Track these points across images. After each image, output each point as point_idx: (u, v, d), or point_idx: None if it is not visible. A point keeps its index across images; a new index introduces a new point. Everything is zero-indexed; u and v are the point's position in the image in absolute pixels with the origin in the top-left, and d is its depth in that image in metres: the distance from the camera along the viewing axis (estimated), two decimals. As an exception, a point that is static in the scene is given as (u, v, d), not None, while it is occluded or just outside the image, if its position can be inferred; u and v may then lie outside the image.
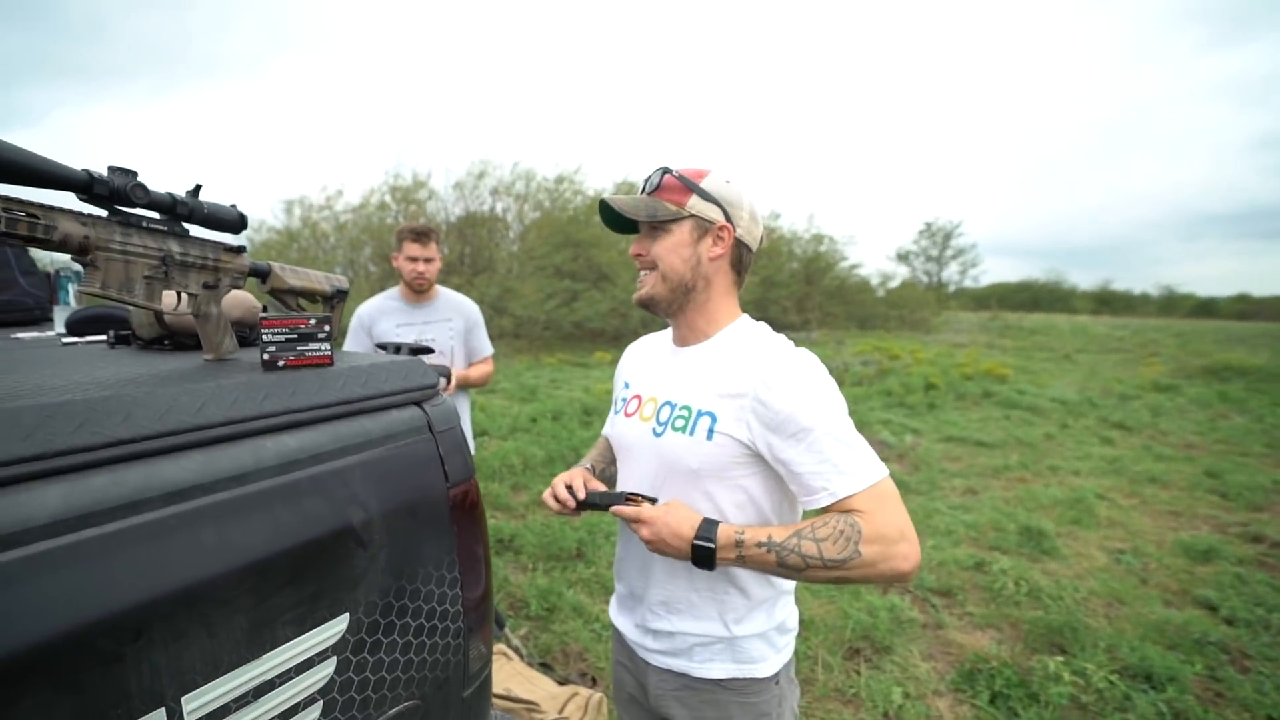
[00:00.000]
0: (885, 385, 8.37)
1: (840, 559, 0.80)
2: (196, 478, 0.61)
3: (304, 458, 0.71)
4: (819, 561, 0.81)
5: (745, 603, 0.98)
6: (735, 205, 0.97)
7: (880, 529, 0.80)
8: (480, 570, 0.93)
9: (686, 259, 0.97)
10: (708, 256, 0.97)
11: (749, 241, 0.99)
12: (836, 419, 0.87)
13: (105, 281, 0.74)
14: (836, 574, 0.81)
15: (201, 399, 0.65)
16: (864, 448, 0.87)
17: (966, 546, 3.52)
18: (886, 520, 0.81)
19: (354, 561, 0.74)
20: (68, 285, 1.84)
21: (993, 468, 5.10)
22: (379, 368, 0.86)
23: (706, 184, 0.97)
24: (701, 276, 0.97)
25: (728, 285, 1.00)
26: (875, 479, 0.84)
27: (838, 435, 0.86)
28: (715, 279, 0.98)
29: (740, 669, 0.99)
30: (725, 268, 0.99)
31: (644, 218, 0.98)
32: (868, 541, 0.80)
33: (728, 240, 0.97)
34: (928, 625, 2.72)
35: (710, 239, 0.97)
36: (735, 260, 1.00)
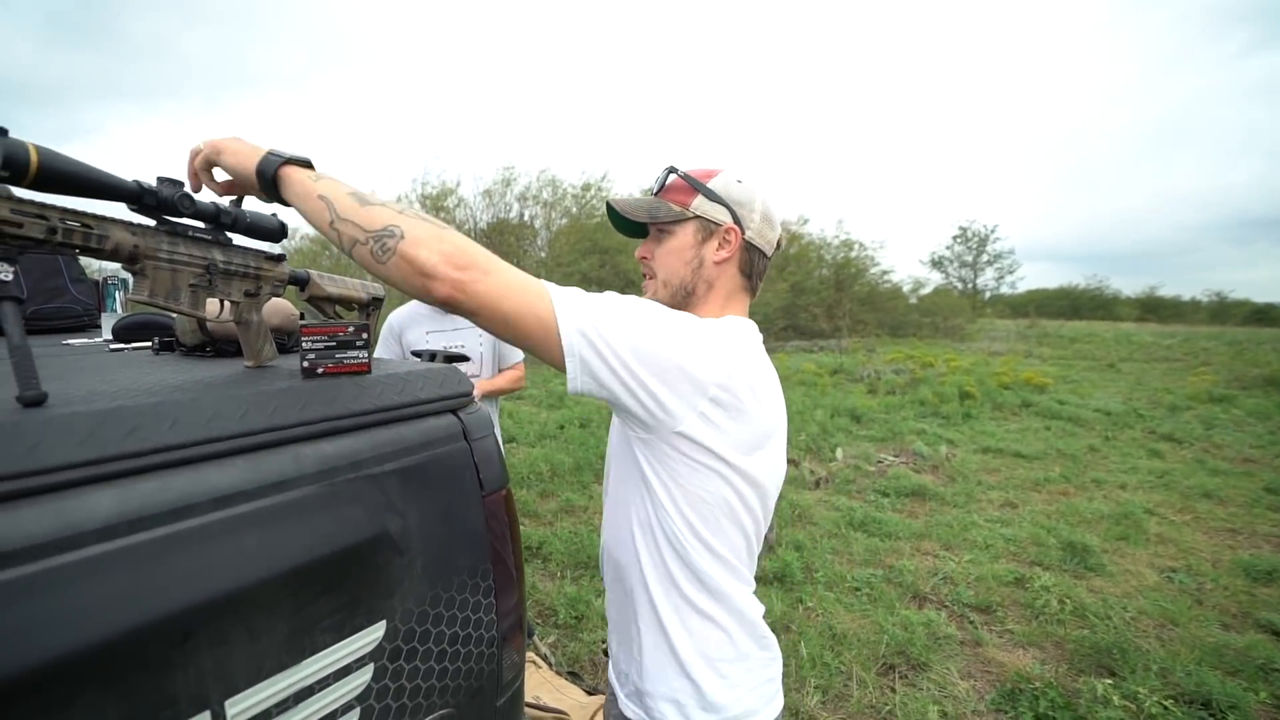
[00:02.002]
0: (918, 394, 8.19)
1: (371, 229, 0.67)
2: (240, 484, 0.62)
3: (342, 465, 0.71)
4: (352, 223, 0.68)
5: (662, 655, 0.85)
6: (745, 206, 0.90)
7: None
8: (513, 578, 0.93)
9: (688, 261, 0.91)
10: (712, 260, 0.91)
11: (761, 245, 0.92)
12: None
13: (153, 289, 0.76)
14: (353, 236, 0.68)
15: (244, 406, 0.66)
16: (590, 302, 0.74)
17: (1006, 561, 3.41)
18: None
19: (391, 569, 0.74)
20: (114, 293, 1.91)
21: (1032, 480, 4.94)
22: (415, 375, 0.86)
23: (714, 184, 0.91)
24: (703, 280, 0.91)
25: (733, 290, 0.93)
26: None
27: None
28: (719, 283, 0.92)
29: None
30: (732, 272, 0.92)
31: (645, 218, 0.93)
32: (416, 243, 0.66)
33: (735, 243, 0.90)
34: (966, 642, 2.63)
35: (716, 241, 0.91)
36: (745, 264, 0.92)
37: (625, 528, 0.87)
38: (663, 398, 0.73)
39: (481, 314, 0.68)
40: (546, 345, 0.71)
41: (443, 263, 0.65)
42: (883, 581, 3.13)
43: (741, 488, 0.82)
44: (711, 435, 0.76)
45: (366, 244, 0.67)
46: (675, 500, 0.80)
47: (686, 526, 0.81)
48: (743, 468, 0.80)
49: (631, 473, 0.85)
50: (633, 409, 0.74)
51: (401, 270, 0.66)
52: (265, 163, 0.73)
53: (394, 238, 0.66)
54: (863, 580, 3.12)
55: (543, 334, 0.70)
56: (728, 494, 0.81)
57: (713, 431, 0.76)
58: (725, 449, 0.78)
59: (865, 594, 3.00)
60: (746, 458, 0.80)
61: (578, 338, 0.70)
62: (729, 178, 0.92)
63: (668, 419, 0.75)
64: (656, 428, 0.76)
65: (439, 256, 0.65)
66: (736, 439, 0.78)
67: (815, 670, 2.36)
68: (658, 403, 0.73)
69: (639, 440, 0.81)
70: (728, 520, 0.82)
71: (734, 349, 0.79)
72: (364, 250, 0.68)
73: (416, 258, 0.65)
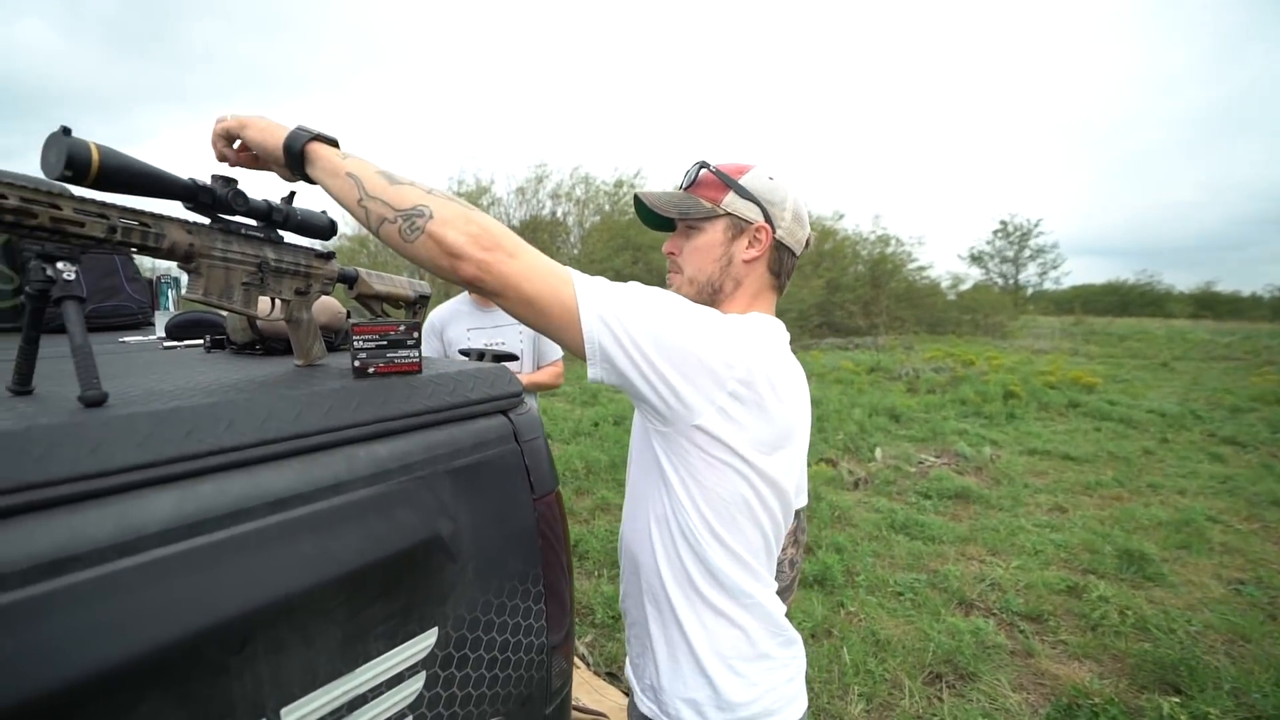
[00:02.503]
0: (959, 393, 7.96)
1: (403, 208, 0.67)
2: (295, 487, 0.60)
3: (395, 467, 0.70)
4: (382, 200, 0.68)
5: (679, 652, 0.83)
6: (777, 204, 0.89)
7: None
8: (564, 584, 0.91)
9: (717, 259, 0.90)
10: (742, 258, 0.89)
11: (791, 244, 0.90)
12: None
13: (208, 288, 0.76)
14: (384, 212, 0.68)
15: (298, 407, 0.65)
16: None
17: (1057, 569, 3.27)
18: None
19: (443, 574, 0.72)
20: (167, 291, 1.96)
21: (1083, 484, 4.74)
22: (466, 375, 0.84)
23: (746, 180, 0.89)
24: (731, 278, 0.90)
25: (761, 289, 0.91)
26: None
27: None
28: (747, 281, 0.90)
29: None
30: (761, 270, 0.90)
31: (675, 214, 0.91)
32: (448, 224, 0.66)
33: (765, 241, 0.88)
34: (1016, 652, 2.53)
35: (746, 240, 0.89)
36: (774, 264, 0.91)
37: (643, 522, 0.86)
38: (680, 389, 0.72)
39: (505, 295, 0.68)
40: (567, 330, 0.70)
41: (469, 243, 0.66)
42: (927, 587, 3.03)
43: (760, 487, 0.80)
44: (730, 430, 0.75)
45: (395, 223, 0.67)
46: (693, 497, 0.79)
47: (703, 524, 0.79)
48: (761, 467, 0.78)
49: (650, 467, 0.83)
50: (650, 400, 0.73)
51: (429, 250, 0.66)
52: (293, 138, 0.71)
53: (423, 217, 0.66)
54: (905, 585, 3.02)
55: (564, 318, 0.70)
56: (746, 492, 0.79)
57: (731, 427, 0.75)
58: (743, 446, 0.76)
59: (909, 599, 2.91)
60: (766, 457, 0.79)
61: (598, 324, 0.69)
62: (761, 174, 0.90)
63: (685, 412, 0.73)
64: (674, 420, 0.74)
65: (466, 237, 0.66)
66: (756, 436, 0.76)
67: (859, 677, 2.29)
68: (675, 394, 0.72)
69: (657, 434, 0.79)
70: (745, 519, 0.81)
71: (757, 345, 0.77)
72: (392, 229, 0.67)
73: (444, 238, 0.65)
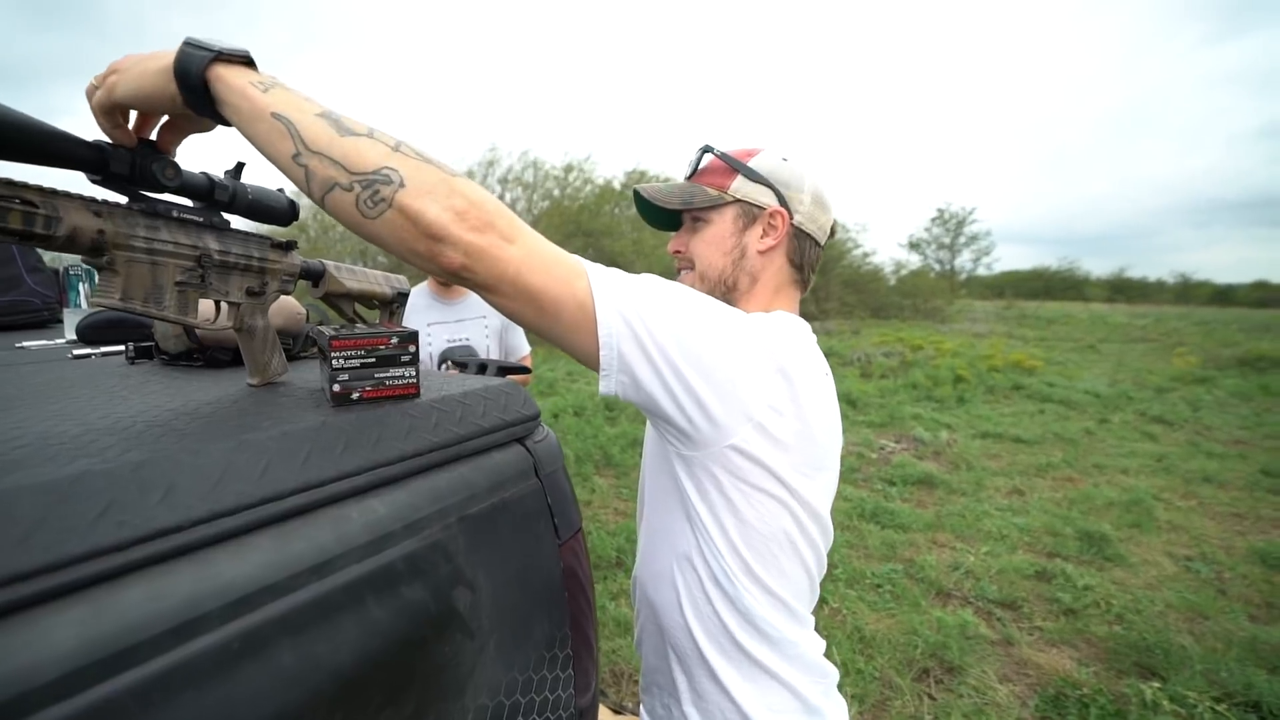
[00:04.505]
0: (911, 378, 8.15)
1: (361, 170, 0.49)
2: (266, 574, 0.43)
3: (398, 529, 0.53)
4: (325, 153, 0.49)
5: (713, 709, 0.74)
6: (792, 186, 0.80)
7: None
8: (591, 644, 0.75)
9: (728, 251, 0.81)
10: (756, 248, 0.80)
11: (813, 231, 0.82)
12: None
13: (127, 289, 0.56)
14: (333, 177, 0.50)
15: (265, 457, 0.47)
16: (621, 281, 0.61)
17: (1024, 553, 3.33)
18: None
19: (460, 659, 0.56)
20: (78, 284, 1.66)
21: (1035, 466, 4.90)
22: (473, 396, 0.67)
23: (756, 163, 0.81)
24: (746, 273, 0.81)
25: (781, 283, 0.82)
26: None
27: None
28: (765, 275, 0.81)
29: None
30: (780, 262, 0.81)
31: (678, 204, 0.82)
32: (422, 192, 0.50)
33: (782, 228, 0.80)
34: (998, 642, 2.54)
35: (760, 227, 0.80)
36: (794, 253, 0.82)
37: (664, 563, 0.76)
38: (710, 405, 0.61)
39: (500, 290, 0.54)
40: (577, 333, 0.58)
41: (455, 222, 0.50)
42: (904, 577, 3.02)
43: (802, 516, 0.70)
44: (769, 451, 0.65)
45: (351, 190, 0.49)
46: (726, 533, 0.68)
47: (739, 565, 0.69)
48: (803, 493, 0.68)
49: (670, 498, 0.73)
50: (675, 418, 0.63)
51: (398, 229, 0.50)
52: (184, 64, 0.48)
53: (390, 185, 0.49)
54: (883, 577, 3.01)
55: (576, 319, 0.58)
56: (787, 524, 0.69)
57: (771, 446, 0.65)
58: (784, 469, 0.66)
59: (888, 591, 2.89)
60: (808, 480, 0.69)
61: (619, 326, 0.58)
62: (772, 156, 0.82)
63: (716, 432, 0.63)
64: (702, 441, 0.64)
65: (450, 215, 0.50)
66: (798, 456, 0.67)
67: (849, 678, 2.24)
68: (704, 411, 0.61)
69: (680, 458, 0.68)
70: (788, 556, 0.70)
71: (794, 348, 0.68)
72: (346, 199, 0.50)
73: (422, 214, 0.49)
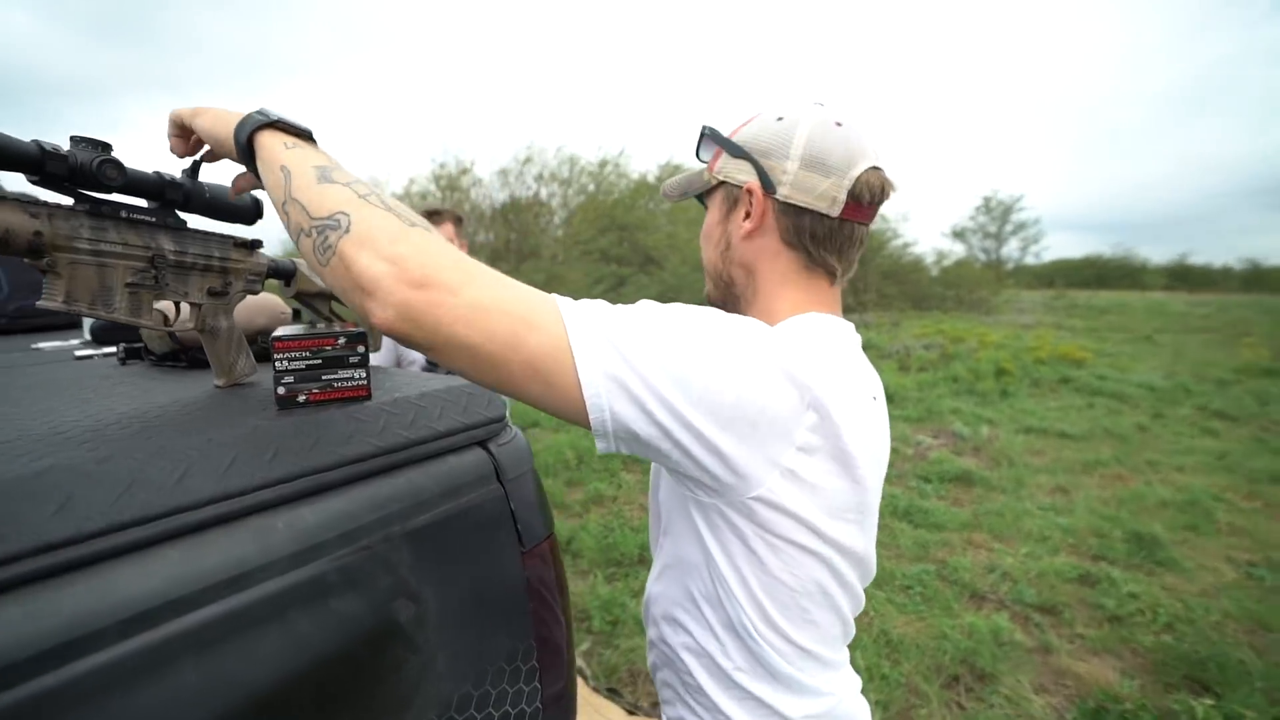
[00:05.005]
0: (951, 371, 7.87)
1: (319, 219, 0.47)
2: (171, 589, 0.41)
3: (330, 538, 0.50)
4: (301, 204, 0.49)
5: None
6: (774, 154, 0.64)
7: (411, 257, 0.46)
8: (562, 654, 0.72)
9: (716, 243, 0.72)
10: (739, 236, 0.68)
11: (803, 201, 0.64)
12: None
13: (71, 291, 0.55)
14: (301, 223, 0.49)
15: (183, 464, 0.46)
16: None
17: (1066, 555, 3.17)
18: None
19: (401, 673, 0.54)
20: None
21: (1082, 462, 4.66)
22: (431, 398, 0.65)
23: (744, 132, 0.68)
24: (738, 266, 0.69)
25: (787, 273, 0.67)
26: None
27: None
28: (760, 266, 0.68)
29: None
30: (774, 247, 0.67)
31: (677, 196, 0.76)
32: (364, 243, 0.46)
33: (759, 208, 0.65)
34: (1034, 649, 2.41)
35: (741, 210, 0.68)
36: (788, 234, 0.66)
37: (677, 596, 0.67)
38: (730, 454, 0.52)
39: (442, 350, 0.47)
40: (557, 392, 0.49)
41: (387, 275, 0.45)
42: (936, 579, 2.91)
43: (839, 564, 0.60)
44: (799, 498, 0.55)
45: (310, 235, 0.48)
46: (747, 585, 0.59)
47: (760, 617, 0.60)
48: (840, 539, 0.58)
49: (687, 536, 0.64)
50: (689, 470, 0.53)
51: (340, 278, 0.47)
52: (241, 125, 0.53)
53: (337, 230, 0.46)
54: (914, 578, 2.90)
55: (551, 377, 0.49)
56: (820, 575, 0.60)
57: (801, 494, 0.55)
58: (816, 515, 0.56)
59: (918, 593, 2.78)
60: (847, 526, 0.59)
61: (606, 384, 0.49)
62: (764, 118, 0.68)
63: (739, 482, 0.53)
64: (722, 491, 0.55)
65: (386, 265, 0.45)
66: (834, 500, 0.57)
67: (874, 684, 2.16)
68: (722, 462, 0.52)
69: (696, 503, 0.60)
70: (819, 607, 0.61)
71: (828, 371, 0.55)
72: (307, 244, 0.48)
73: (355, 262, 0.45)
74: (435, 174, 15.54)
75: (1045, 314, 18.85)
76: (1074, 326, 15.33)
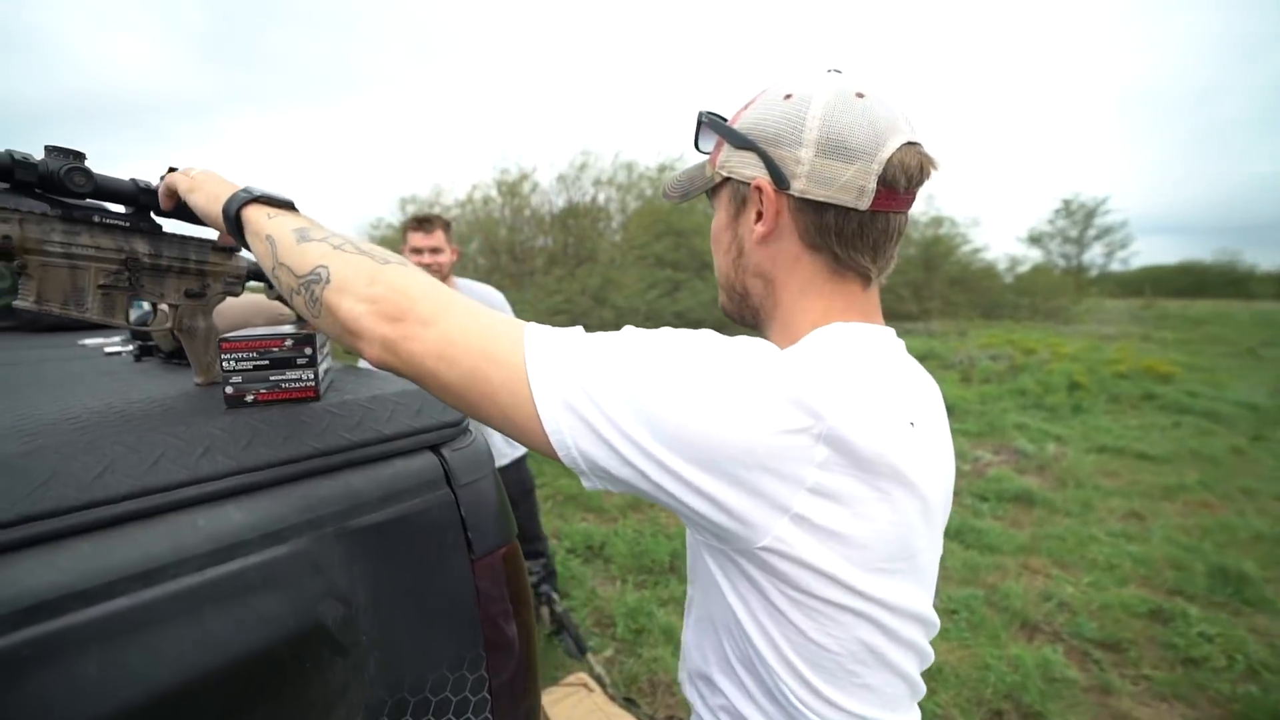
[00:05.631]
0: (1019, 384, 7.43)
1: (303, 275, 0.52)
2: (75, 581, 0.42)
3: (253, 538, 0.51)
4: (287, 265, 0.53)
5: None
6: (784, 141, 0.54)
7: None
8: (520, 663, 0.71)
9: (726, 250, 0.63)
10: (751, 240, 0.59)
11: (824, 196, 0.53)
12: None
13: (43, 292, 0.59)
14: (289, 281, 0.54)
15: (105, 460, 0.47)
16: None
17: (1136, 587, 2.91)
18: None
19: (327, 674, 0.54)
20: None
21: (1163, 487, 4.29)
22: (381, 401, 0.65)
23: (745, 117, 0.58)
24: (751, 274, 0.60)
25: (810, 279, 0.58)
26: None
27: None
28: (779, 273, 0.59)
29: None
30: (794, 250, 0.57)
31: (678, 197, 0.66)
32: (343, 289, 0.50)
33: (772, 206, 0.56)
34: (1090, 688, 2.22)
35: (752, 210, 0.58)
36: (807, 233, 0.56)
37: (712, 660, 0.59)
38: (723, 500, 0.45)
39: (424, 384, 0.50)
40: (524, 430, 0.48)
41: (367, 314, 0.48)
42: (984, 605, 2.73)
43: (885, 620, 0.51)
44: (817, 548, 0.46)
45: (300, 293, 0.53)
46: (777, 648, 0.51)
47: (799, 684, 0.51)
48: (885, 597, 0.50)
49: (711, 586, 0.56)
50: (689, 516, 0.48)
51: (331, 326, 0.51)
52: (228, 204, 0.57)
53: (320, 283, 0.51)
54: (961, 602, 2.73)
55: (512, 412, 0.47)
56: (865, 635, 0.50)
57: (819, 542, 0.46)
58: (843, 568, 0.47)
59: (964, 619, 2.62)
60: (893, 581, 0.50)
61: (564, 416, 0.46)
62: (771, 96, 0.57)
63: (743, 530, 0.46)
64: (730, 540, 0.48)
65: (364, 305, 0.48)
66: (867, 549, 0.48)
67: (906, 713, 2.04)
68: (718, 509, 0.45)
69: (709, 549, 0.54)
70: (871, 669, 0.52)
71: (847, 397, 0.47)
72: (299, 301, 0.53)
73: (339, 308, 0.49)
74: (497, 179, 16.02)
75: (1131, 324, 17.54)
76: (1163, 338, 14.18)
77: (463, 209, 16.03)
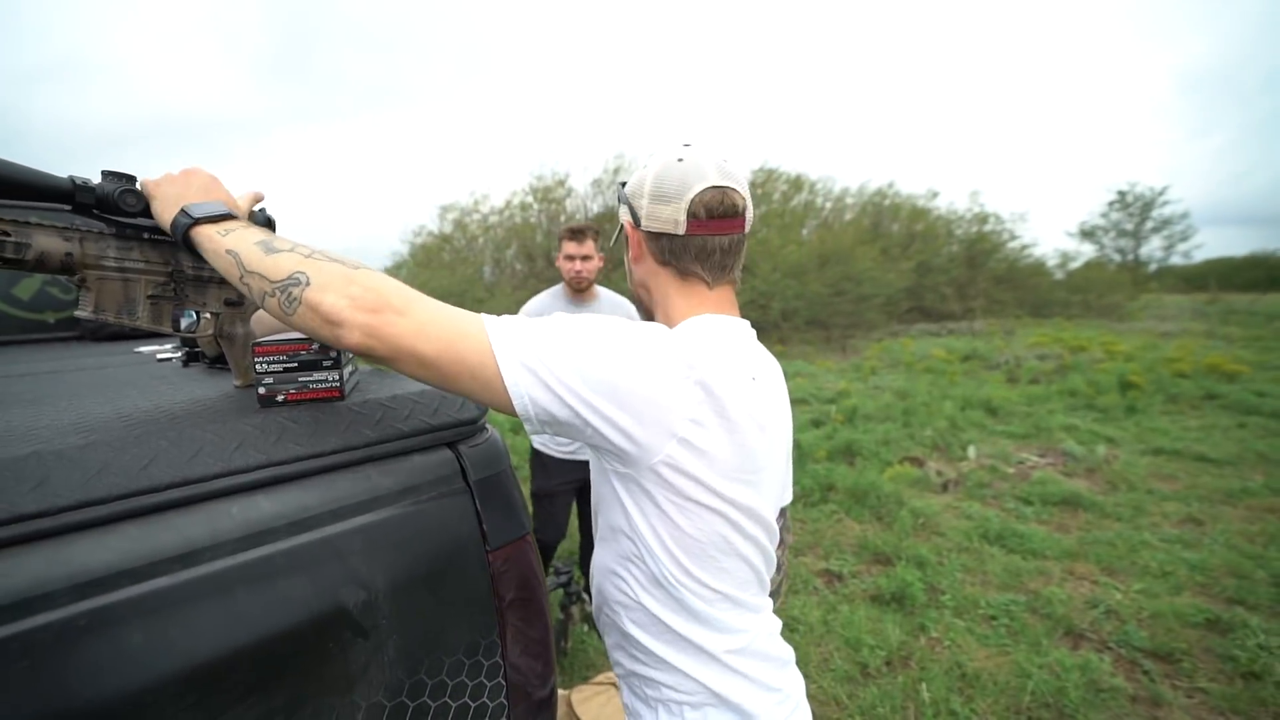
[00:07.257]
0: (1068, 384, 7.15)
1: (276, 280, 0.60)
2: (124, 560, 0.47)
3: (280, 526, 0.55)
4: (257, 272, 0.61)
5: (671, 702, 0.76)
6: (634, 195, 0.81)
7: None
8: (541, 651, 0.74)
9: (627, 273, 0.89)
10: (629, 262, 0.87)
11: (658, 227, 0.79)
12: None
13: (99, 303, 0.65)
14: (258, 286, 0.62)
15: (152, 453, 0.52)
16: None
17: (1191, 595, 2.78)
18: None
19: (349, 655, 0.58)
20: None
21: (1224, 491, 4.07)
22: (401, 400, 0.69)
23: (630, 182, 0.85)
24: (642, 288, 0.87)
25: (669, 285, 0.82)
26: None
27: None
28: (651, 283, 0.84)
29: None
30: (653, 267, 0.83)
31: (611, 243, 0.95)
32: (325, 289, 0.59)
33: (635, 238, 0.83)
34: (1139, 699, 2.14)
35: (629, 242, 0.85)
36: (659, 255, 0.81)
37: (613, 565, 0.78)
38: (629, 428, 0.64)
39: (400, 360, 0.60)
40: (488, 389, 0.62)
41: (350, 307, 0.58)
42: (1025, 611, 2.65)
43: (739, 520, 0.72)
44: (695, 463, 0.67)
45: (274, 295, 0.61)
46: (663, 541, 0.71)
47: (678, 568, 0.71)
48: (737, 499, 0.71)
49: (613, 506, 0.75)
50: (601, 444, 0.67)
51: (309, 320, 0.60)
52: (175, 224, 0.64)
53: (299, 285, 0.59)
54: (1000, 608, 2.66)
55: (481, 375, 0.62)
56: (722, 529, 0.71)
57: (697, 459, 0.67)
58: (713, 478, 0.68)
59: (1004, 625, 2.55)
60: (741, 486, 0.71)
61: (523, 375, 0.62)
62: (653, 164, 0.81)
63: (641, 452, 0.66)
64: (631, 461, 0.67)
65: (346, 300, 0.58)
66: (726, 465, 0.69)
67: (940, 719, 2.01)
68: (625, 435, 0.64)
69: (616, 474, 0.72)
70: (726, 556, 0.73)
71: (711, 357, 0.69)
72: (273, 303, 0.61)
73: (321, 304, 0.58)
74: (532, 186, 16.28)
75: (1193, 321, 16.62)
76: (1229, 335, 13.40)
77: (500, 216, 16.34)
